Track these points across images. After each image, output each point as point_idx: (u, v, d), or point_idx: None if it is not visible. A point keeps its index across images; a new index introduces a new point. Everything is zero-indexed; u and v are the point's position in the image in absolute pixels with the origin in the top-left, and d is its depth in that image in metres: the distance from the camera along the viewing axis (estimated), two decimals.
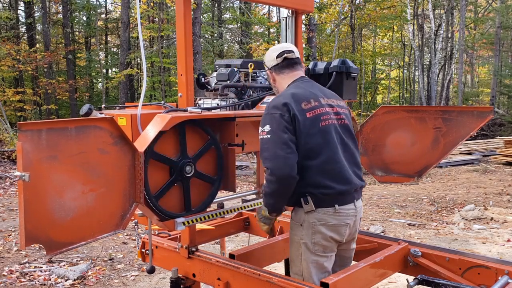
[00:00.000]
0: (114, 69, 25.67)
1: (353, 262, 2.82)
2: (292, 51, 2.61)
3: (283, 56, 2.59)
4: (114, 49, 26.47)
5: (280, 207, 2.52)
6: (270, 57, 2.64)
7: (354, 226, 2.56)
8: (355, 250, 2.75)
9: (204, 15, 21.41)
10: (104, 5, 25.65)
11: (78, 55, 23.83)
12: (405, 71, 29.10)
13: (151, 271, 2.92)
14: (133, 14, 18.57)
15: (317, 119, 2.43)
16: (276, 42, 21.38)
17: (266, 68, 2.69)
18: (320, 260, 2.48)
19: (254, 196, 3.07)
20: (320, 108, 2.47)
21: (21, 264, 5.41)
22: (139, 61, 22.78)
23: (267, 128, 2.37)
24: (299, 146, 2.37)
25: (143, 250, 3.17)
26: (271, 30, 24.79)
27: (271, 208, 2.51)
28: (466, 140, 8.48)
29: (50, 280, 4.94)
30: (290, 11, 3.30)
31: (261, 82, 3.17)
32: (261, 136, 2.40)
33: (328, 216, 2.43)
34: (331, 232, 2.44)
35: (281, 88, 2.64)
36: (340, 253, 2.63)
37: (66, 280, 4.92)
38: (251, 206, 3.01)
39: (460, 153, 15.13)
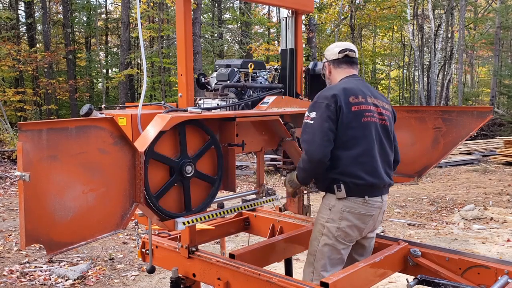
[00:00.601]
0: (114, 69, 25.69)
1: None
2: (354, 51, 2.83)
3: (345, 53, 2.80)
4: (114, 49, 26.47)
5: (307, 181, 2.82)
6: (332, 51, 2.84)
7: (378, 218, 2.74)
8: None
9: (204, 15, 21.41)
10: (104, 5, 25.68)
11: (78, 55, 23.84)
12: (405, 71, 29.11)
13: (151, 271, 2.93)
14: (133, 14, 18.58)
15: (360, 114, 2.62)
16: (276, 42, 21.39)
17: (325, 60, 2.89)
18: (338, 246, 2.66)
19: (254, 196, 3.07)
20: (366, 105, 2.65)
21: (21, 264, 5.41)
22: (139, 61, 22.79)
23: (312, 114, 2.60)
24: (338, 136, 2.58)
25: (143, 250, 3.17)
26: (271, 30, 24.81)
27: (300, 179, 2.79)
28: (466, 140, 8.48)
29: (50, 280, 4.94)
30: (290, 11, 3.30)
31: (261, 82, 3.17)
32: (305, 120, 2.63)
33: (357, 205, 2.62)
34: (357, 220, 2.64)
35: (334, 80, 2.86)
36: (361, 241, 2.82)
37: (66, 280, 4.93)
38: (251, 206, 3.01)
39: (460, 153, 15.13)
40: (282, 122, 2.90)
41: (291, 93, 3.30)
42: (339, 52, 2.80)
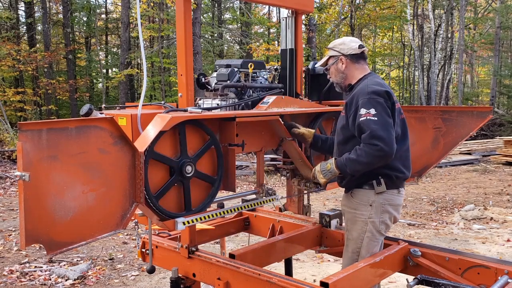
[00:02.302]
0: (114, 69, 25.68)
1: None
2: (366, 48, 2.88)
3: (363, 49, 2.81)
4: (114, 49, 26.46)
5: (357, 174, 2.69)
6: (349, 46, 2.79)
7: None
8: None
9: (204, 15, 21.40)
10: (104, 5, 25.66)
11: (78, 55, 23.82)
12: (405, 71, 29.10)
13: (151, 271, 2.93)
14: (133, 14, 18.58)
15: (399, 111, 2.72)
16: (276, 42, 21.39)
17: (336, 54, 2.81)
18: (380, 238, 2.78)
19: (254, 196, 3.07)
20: (397, 103, 2.72)
21: (21, 264, 5.41)
22: (139, 61, 22.79)
23: (372, 111, 2.53)
24: None
25: (143, 250, 3.17)
26: (271, 30, 24.79)
27: (350, 172, 2.65)
28: (466, 140, 8.47)
29: (50, 280, 4.94)
30: (290, 11, 3.30)
31: (261, 82, 3.17)
32: (367, 117, 2.53)
33: (394, 196, 2.73)
34: (395, 211, 2.77)
35: (351, 75, 2.82)
36: None
37: (66, 280, 4.93)
38: (251, 206, 3.01)
39: (460, 153, 15.13)
40: (282, 122, 2.90)
41: (291, 93, 3.30)
42: (359, 47, 2.78)
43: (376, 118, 2.51)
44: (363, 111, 2.55)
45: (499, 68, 23.60)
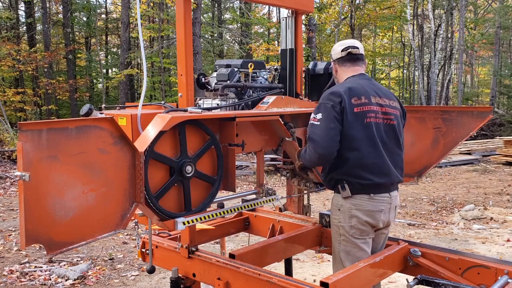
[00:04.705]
0: (114, 69, 25.68)
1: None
2: (357, 48, 2.83)
3: (348, 51, 2.81)
4: (114, 49, 26.46)
5: (309, 166, 2.93)
6: (336, 50, 2.88)
7: (389, 213, 2.75)
8: None
9: (204, 15, 21.41)
10: (104, 5, 25.66)
11: (78, 55, 23.82)
12: (405, 71, 29.10)
13: (151, 271, 2.93)
14: (133, 14, 18.57)
15: (362, 115, 2.64)
16: (276, 42, 21.39)
17: (331, 60, 2.95)
18: (357, 242, 2.71)
19: (254, 196, 3.07)
20: (369, 106, 2.67)
21: (21, 264, 5.41)
22: (139, 61, 22.78)
23: (318, 116, 2.64)
24: (342, 136, 2.62)
25: (143, 250, 3.17)
26: (271, 30, 24.80)
27: (304, 163, 2.86)
28: (466, 140, 8.48)
29: (50, 280, 4.94)
30: (290, 11, 3.30)
31: (261, 82, 3.17)
32: (312, 122, 2.67)
33: (363, 202, 2.67)
34: (366, 216, 2.68)
35: (340, 79, 2.89)
36: (376, 236, 2.84)
37: (66, 280, 4.93)
38: (251, 206, 3.01)
39: (460, 153, 15.12)
40: (282, 122, 2.90)
41: (291, 93, 3.30)
42: (342, 51, 2.83)
43: (318, 123, 2.63)
44: (312, 115, 2.70)
45: (499, 68, 23.60)
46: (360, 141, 2.62)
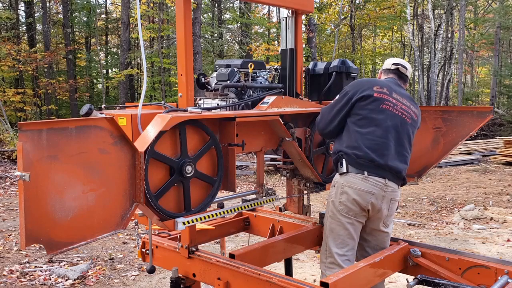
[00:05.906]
0: (114, 69, 25.68)
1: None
2: (406, 68, 3.06)
3: (397, 66, 3.06)
4: (114, 49, 26.46)
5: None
6: (388, 62, 3.13)
7: (382, 201, 2.78)
8: None
9: (204, 15, 21.40)
10: (104, 5, 25.65)
11: (78, 55, 23.83)
12: None
13: (151, 271, 2.93)
14: (133, 14, 18.57)
15: (380, 100, 2.80)
16: (276, 42, 21.40)
17: (381, 68, 3.19)
18: (342, 219, 2.78)
19: (254, 196, 3.07)
20: (388, 96, 2.84)
21: (21, 264, 5.41)
22: (139, 61, 22.78)
23: (336, 97, 2.93)
24: (353, 114, 2.80)
25: (143, 250, 3.17)
26: (271, 31, 24.78)
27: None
28: (466, 140, 8.48)
29: (50, 280, 4.94)
30: (290, 11, 3.30)
31: (261, 82, 3.17)
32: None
33: (356, 180, 2.74)
34: (356, 195, 2.74)
35: None
36: (374, 233, 2.91)
37: (66, 280, 4.93)
38: (251, 206, 3.01)
39: (460, 153, 15.12)
40: (282, 122, 2.90)
41: (291, 93, 3.30)
42: (393, 64, 3.07)
43: (328, 106, 2.97)
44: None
45: (499, 68, 23.60)
46: (371, 120, 2.76)
